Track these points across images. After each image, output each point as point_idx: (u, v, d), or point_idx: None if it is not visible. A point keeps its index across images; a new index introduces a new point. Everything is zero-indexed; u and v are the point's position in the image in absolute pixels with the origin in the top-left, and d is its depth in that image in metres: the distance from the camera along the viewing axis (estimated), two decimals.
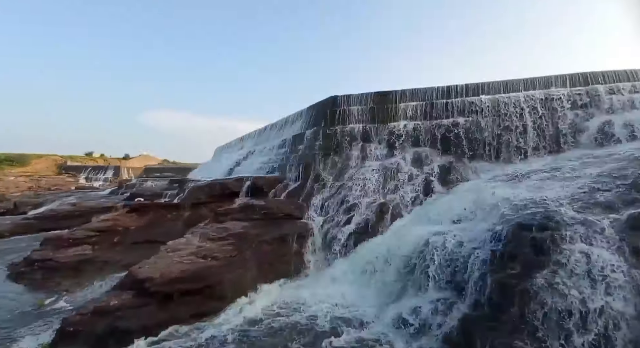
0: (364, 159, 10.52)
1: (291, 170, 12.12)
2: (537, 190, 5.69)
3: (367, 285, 6.57)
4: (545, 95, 8.98)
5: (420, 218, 7.61)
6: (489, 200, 6.12)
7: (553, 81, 9.65)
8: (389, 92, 12.30)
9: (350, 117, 12.11)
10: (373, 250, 6.80)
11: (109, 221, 10.13)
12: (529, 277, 4.11)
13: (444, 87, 11.26)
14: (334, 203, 9.32)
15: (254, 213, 9.09)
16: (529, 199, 5.37)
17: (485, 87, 10.54)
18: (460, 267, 5.16)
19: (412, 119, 10.92)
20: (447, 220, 6.77)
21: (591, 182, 5.25)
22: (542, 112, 8.83)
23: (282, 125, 17.80)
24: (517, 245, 4.60)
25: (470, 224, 5.98)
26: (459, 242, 5.50)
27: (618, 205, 4.66)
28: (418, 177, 9.03)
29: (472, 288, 4.75)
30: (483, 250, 4.96)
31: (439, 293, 5.27)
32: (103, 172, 54.00)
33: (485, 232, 5.24)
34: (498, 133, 9.09)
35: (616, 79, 9.13)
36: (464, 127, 9.60)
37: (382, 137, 10.88)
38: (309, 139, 12.72)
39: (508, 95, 9.56)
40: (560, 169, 6.25)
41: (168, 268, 5.88)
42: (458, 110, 10.20)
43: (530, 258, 4.31)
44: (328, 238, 8.14)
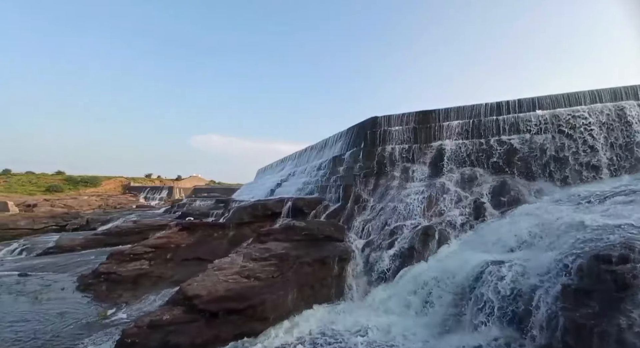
0: (407, 180, 10.19)
1: (331, 192, 12.15)
2: (614, 215, 4.95)
3: (415, 316, 6.12)
4: (613, 109, 8.01)
5: (471, 244, 7.03)
6: (554, 225, 5.46)
7: (623, 92, 8.60)
8: (432, 111, 12.01)
9: (391, 138, 11.98)
10: (418, 278, 6.37)
11: (163, 238, 10.94)
12: (607, 317, 3.52)
13: (493, 103, 10.68)
14: (375, 225, 9.06)
15: (294, 234, 9.16)
16: (604, 226, 4.69)
17: (542, 101, 9.77)
18: (524, 302, 4.60)
19: (458, 137, 10.44)
20: (504, 248, 6.16)
21: None
22: (612, 128, 7.85)
23: (322, 146, 18.17)
24: (594, 279, 4.00)
25: (532, 253, 5.36)
26: (520, 272, 4.94)
27: None
28: (467, 199, 8.45)
29: (541, 329, 4.18)
30: (552, 284, 4.38)
31: (500, 332, 4.71)
32: (159, 192, 59.33)
33: (553, 263, 4.64)
34: (559, 150, 8.23)
35: None
36: (518, 145, 8.89)
37: (425, 158, 10.52)
38: (349, 160, 12.77)
39: (571, 109, 8.70)
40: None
41: (214, 286, 6.09)
42: (510, 127, 9.53)
43: (610, 296, 3.70)
44: (370, 262, 7.86)
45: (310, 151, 19.71)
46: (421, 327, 5.73)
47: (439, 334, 5.40)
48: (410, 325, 5.88)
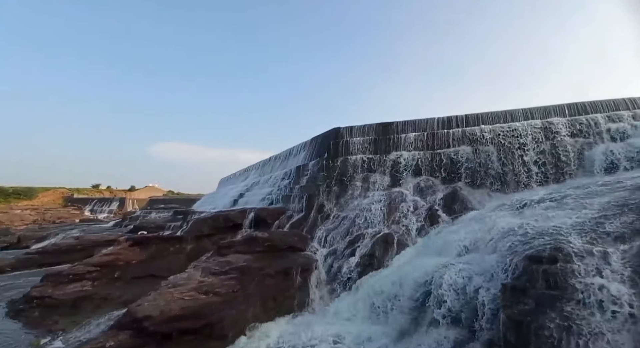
0: (368, 190, 10.55)
1: (295, 201, 12.14)
2: (544, 219, 5.59)
3: (374, 322, 6.28)
4: (543, 125, 9.17)
5: (426, 249, 7.43)
6: (495, 230, 6.01)
7: (552, 110, 9.89)
8: (391, 123, 12.66)
9: (353, 148, 12.36)
10: (378, 284, 6.57)
11: (110, 255, 10.02)
12: (541, 313, 3.92)
13: (444, 117, 11.59)
14: (337, 234, 9.20)
15: (257, 246, 8.95)
16: (536, 229, 5.27)
17: (485, 117, 10.82)
18: (470, 302, 4.95)
19: (415, 149, 11.10)
20: (454, 252, 6.59)
21: (597, 211, 5.17)
22: (541, 141, 8.96)
23: (286, 156, 18.15)
24: (529, 278, 4.43)
25: (477, 256, 5.81)
26: (467, 275, 5.32)
27: (627, 235, 4.55)
28: (423, 207, 8.96)
29: (484, 326, 4.52)
30: (493, 284, 4.79)
31: (450, 331, 4.99)
32: (108, 204, 54.37)
33: (494, 265, 5.08)
34: (500, 162, 9.15)
35: (615, 107, 9.34)
36: (466, 157, 9.71)
37: (385, 168, 11.00)
38: (313, 170, 12.90)
39: (509, 124, 9.76)
40: (565, 197, 6.19)
41: (168, 305, 5.70)
42: (460, 140, 10.39)
43: (543, 293, 4.13)
44: (332, 271, 7.93)
45: (275, 161, 19.57)
46: (381, 333, 5.88)
47: (398, 338, 5.58)
48: (370, 332, 6.01)
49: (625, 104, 9.25)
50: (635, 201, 5.18)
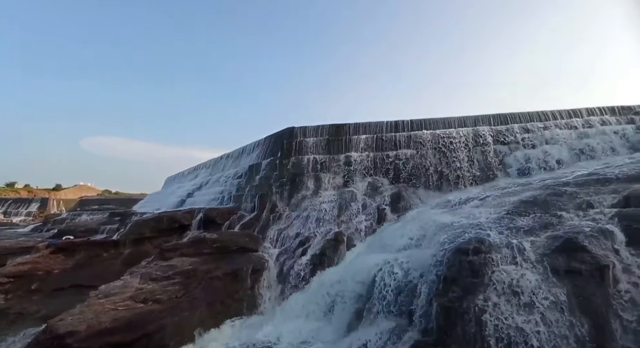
0: (320, 189, 10.75)
1: (247, 201, 11.85)
2: (471, 216, 6.30)
3: (324, 318, 6.43)
4: (473, 132, 10.33)
5: (373, 246, 7.83)
6: (432, 226, 6.59)
7: (480, 120, 11.19)
8: (344, 124, 13.05)
9: (306, 148, 12.47)
10: (328, 282, 6.75)
11: (26, 264, 8.71)
12: (468, 299, 4.42)
13: (392, 121, 12.32)
14: (290, 234, 9.22)
15: (205, 248, 8.58)
16: (465, 225, 5.91)
17: (427, 123, 11.78)
18: (409, 293, 5.35)
19: (365, 150, 11.61)
20: (397, 248, 7.07)
21: (512, 208, 5.98)
22: (472, 146, 10.08)
23: (239, 154, 17.60)
24: (457, 269, 4.95)
25: (417, 251, 6.32)
26: (407, 269, 5.74)
27: (536, 228, 5.34)
28: (371, 206, 9.42)
29: (421, 314, 4.92)
30: (429, 276, 5.24)
31: (392, 322, 5.33)
32: (26, 206, 47.01)
33: (429, 258, 5.57)
34: (438, 164, 10.07)
35: (529, 118, 10.90)
36: (410, 159, 10.47)
37: (337, 168, 11.30)
38: (266, 169, 12.72)
39: (446, 130, 10.78)
40: (489, 196, 7.06)
41: (97, 318, 5.17)
42: (405, 143, 11.15)
43: (468, 281, 4.65)
44: (284, 270, 7.93)
45: (227, 159, 18.83)
46: (330, 329, 6.05)
47: (346, 332, 5.80)
48: (320, 328, 6.15)
49: (537, 116, 10.90)
50: (541, 199, 6.11)
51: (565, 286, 4.06)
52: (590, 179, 6.07)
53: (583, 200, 5.36)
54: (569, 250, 4.33)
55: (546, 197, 5.94)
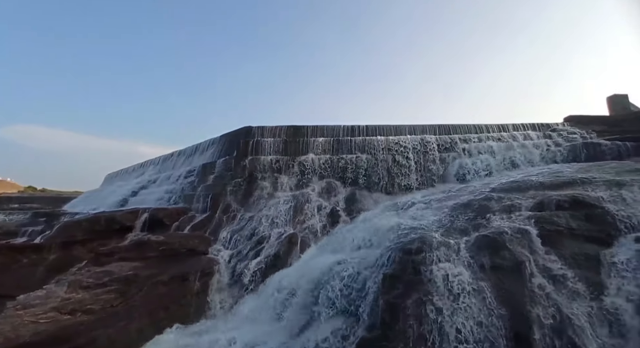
0: (276, 190, 10.69)
1: (199, 201, 11.30)
2: (416, 218, 6.81)
3: (276, 321, 6.39)
4: (421, 140, 11.18)
5: (326, 247, 8.00)
6: (381, 228, 6.96)
7: (427, 129, 12.15)
8: (302, 126, 13.14)
9: (263, 148, 12.31)
10: (280, 284, 6.74)
11: None
12: (409, 295, 4.76)
13: (349, 126, 12.75)
14: (243, 235, 9.01)
15: (149, 251, 7.99)
16: (410, 227, 6.36)
17: (381, 129, 12.42)
18: (358, 293, 5.58)
19: (322, 152, 11.83)
20: (349, 249, 7.33)
21: (450, 211, 6.60)
22: (419, 153, 10.90)
23: (192, 152, 16.70)
24: (402, 267, 5.31)
25: (367, 251, 6.62)
26: (357, 269, 5.99)
27: (469, 229, 5.95)
28: (326, 208, 9.63)
29: (368, 312, 5.16)
30: (377, 275, 5.53)
31: (341, 321, 5.50)
32: None
33: (378, 258, 5.88)
34: (390, 168, 10.69)
35: (467, 130, 12.12)
36: (364, 163, 10.93)
37: (293, 170, 11.34)
38: (221, 168, 12.29)
39: (397, 137, 11.49)
40: (432, 200, 7.70)
41: (14, 331, 4.53)
42: (360, 147, 11.62)
43: (410, 279, 5.02)
44: (236, 273, 7.72)
45: (178, 157, 17.73)
46: (281, 331, 6.03)
47: (297, 334, 5.83)
48: (272, 331, 6.09)
49: (474, 129, 12.20)
50: (475, 203, 6.82)
51: (490, 279, 4.58)
52: (513, 186, 6.95)
53: (507, 204, 6.11)
54: (493, 248, 4.90)
55: (478, 201, 6.65)
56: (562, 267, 4.66)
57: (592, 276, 4.56)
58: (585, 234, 5.02)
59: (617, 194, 5.43)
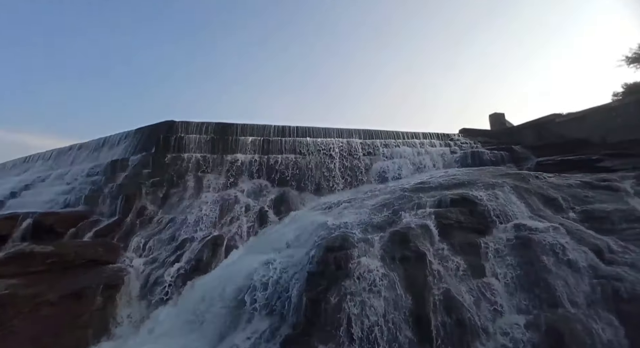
0: (201, 191, 10.04)
1: (105, 203, 9.83)
2: (340, 216, 7.25)
3: (197, 329, 6.02)
4: (347, 143, 11.96)
5: (253, 248, 7.88)
6: (308, 227, 7.21)
7: (353, 133, 13.06)
8: (231, 124, 12.62)
9: (188, 145, 11.44)
10: (201, 289, 6.38)
11: None
12: (331, 290, 5.05)
13: (280, 126, 12.77)
14: (161, 240, 8.22)
15: (34, 264, 6.66)
16: (334, 225, 6.75)
17: (310, 130, 12.80)
18: (283, 292, 5.66)
19: (251, 152, 11.58)
20: (277, 248, 7.37)
21: (370, 209, 7.24)
22: (345, 155, 11.64)
23: (98, 146, 14.40)
24: (325, 264, 5.58)
25: (293, 251, 6.77)
26: (283, 268, 6.07)
27: (385, 226, 6.61)
28: (254, 208, 9.45)
29: (292, 310, 5.28)
30: (301, 273, 5.71)
31: (266, 322, 5.50)
32: None
33: (304, 256, 6.07)
34: (318, 169, 11.13)
35: (388, 136, 13.44)
36: (294, 163, 11.11)
37: (221, 169, 10.83)
38: (135, 166, 10.95)
39: (325, 139, 12.03)
40: (355, 200, 8.32)
41: None
42: (290, 148, 11.76)
43: (333, 274, 5.32)
44: (150, 283, 6.98)
45: (78, 151, 15.06)
46: (202, 339, 5.72)
47: (219, 340, 5.60)
48: (191, 340, 5.73)
49: (393, 135, 13.63)
50: (391, 202, 7.61)
51: (398, 270, 5.18)
52: (420, 187, 8.01)
53: (415, 202, 7.00)
54: (402, 241, 5.56)
55: (393, 200, 7.46)
56: (452, 254, 5.56)
57: (474, 261, 5.55)
58: (470, 226, 6.10)
59: (492, 193, 6.75)
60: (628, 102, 11.71)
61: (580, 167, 9.21)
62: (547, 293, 4.86)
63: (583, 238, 5.54)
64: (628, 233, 5.80)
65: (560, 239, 5.39)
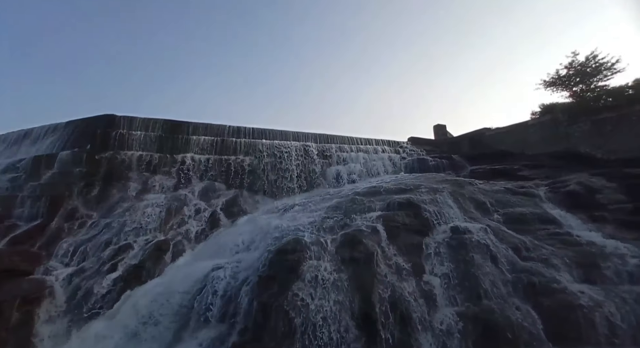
0: (146, 192, 9.30)
1: (24, 205, 8.58)
2: (294, 219, 7.30)
3: (135, 343, 5.54)
4: (304, 147, 12.10)
5: (204, 253, 7.53)
6: (261, 230, 7.12)
7: (310, 137, 13.24)
8: (182, 122, 11.93)
9: (131, 142, 10.53)
10: (144, 298, 5.90)
11: None
12: (282, 294, 5.06)
13: (235, 126, 12.42)
14: (95, 246, 7.43)
15: None
16: (288, 228, 6.77)
17: (267, 132, 12.67)
18: (234, 298, 5.50)
19: (204, 152, 11.06)
20: (229, 252, 7.15)
21: (324, 212, 7.41)
22: (302, 159, 11.76)
23: (18, 139, 12.49)
24: (278, 268, 5.57)
25: (246, 255, 6.63)
26: (235, 272, 5.92)
27: (336, 228, 6.82)
28: (206, 211, 9.05)
29: (242, 316, 5.15)
30: (253, 278, 5.61)
31: (215, 330, 5.28)
32: None
33: (256, 260, 5.98)
34: (274, 172, 11.06)
35: (343, 141, 13.88)
36: (249, 165, 10.88)
37: (170, 169, 10.16)
38: (65, 163, 9.76)
39: (282, 142, 12.01)
40: (309, 203, 8.44)
41: None
42: (246, 150, 11.49)
43: (285, 278, 5.32)
44: (79, 294, 6.25)
45: None
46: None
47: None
48: None
49: (348, 140, 14.15)
50: (343, 205, 7.87)
51: (347, 271, 5.38)
52: (371, 191, 8.44)
53: (366, 205, 7.36)
54: (352, 243, 5.80)
55: (346, 204, 7.73)
56: (398, 254, 5.96)
57: (416, 260, 6.01)
58: (414, 228, 6.59)
59: (433, 197, 7.40)
60: (543, 121, 13.75)
61: (504, 175, 10.55)
62: (475, 287, 5.47)
63: (505, 238, 6.34)
64: (541, 233, 6.79)
65: (487, 239, 6.10)
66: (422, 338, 4.78)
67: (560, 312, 4.77)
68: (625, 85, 12.00)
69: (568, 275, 5.46)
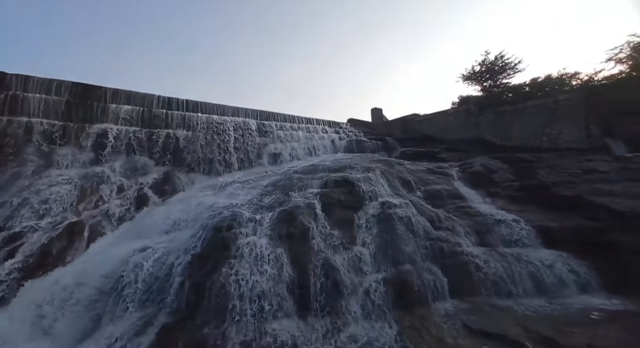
0: (50, 167, 7.94)
1: None
2: (231, 197, 7.14)
3: (41, 336, 4.94)
4: (243, 123, 11.60)
5: (129, 234, 6.91)
6: (196, 208, 6.81)
7: (250, 113, 12.72)
8: (97, 87, 10.27)
9: (27, 107, 8.75)
10: (53, 285, 5.25)
11: None
12: (216, 271, 5.00)
13: (166, 97, 11.19)
14: None
15: None
16: (224, 205, 6.60)
17: (203, 106, 11.74)
18: (164, 279, 5.25)
19: (127, 123, 9.80)
20: (158, 233, 6.69)
21: (262, 190, 7.39)
22: (240, 135, 11.31)
23: None
24: (212, 246, 5.46)
25: (179, 234, 6.30)
26: (164, 253, 5.61)
27: (274, 205, 6.90)
28: (131, 189, 8.19)
29: (172, 297, 4.95)
30: (185, 257, 5.41)
31: (140, 313, 5.00)
32: None
33: (189, 239, 5.75)
34: (211, 148, 10.45)
35: (283, 119, 13.71)
36: (183, 140, 10.05)
37: (82, 141, 8.78)
38: None
39: (220, 117, 11.30)
40: (247, 180, 8.30)
41: None
42: (179, 123, 10.53)
43: (219, 255, 5.26)
44: None
45: None
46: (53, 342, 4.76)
47: (77, 342, 4.79)
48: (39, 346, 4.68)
49: (289, 118, 14.03)
50: (282, 183, 7.95)
51: (284, 246, 5.56)
52: (310, 169, 8.66)
53: (304, 183, 7.55)
54: (288, 220, 5.97)
55: (285, 181, 7.82)
56: (332, 228, 6.34)
57: (348, 233, 6.48)
58: (347, 204, 7.04)
59: (366, 176, 7.96)
60: (459, 110, 15.60)
61: (427, 156, 11.86)
62: (397, 255, 6.19)
63: (424, 211, 7.23)
64: (451, 206, 7.91)
65: (409, 212, 6.88)
66: (352, 301, 5.28)
67: (459, 270, 5.72)
68: (523, 83, 14.23)
69: (467, 241, 6.52)
